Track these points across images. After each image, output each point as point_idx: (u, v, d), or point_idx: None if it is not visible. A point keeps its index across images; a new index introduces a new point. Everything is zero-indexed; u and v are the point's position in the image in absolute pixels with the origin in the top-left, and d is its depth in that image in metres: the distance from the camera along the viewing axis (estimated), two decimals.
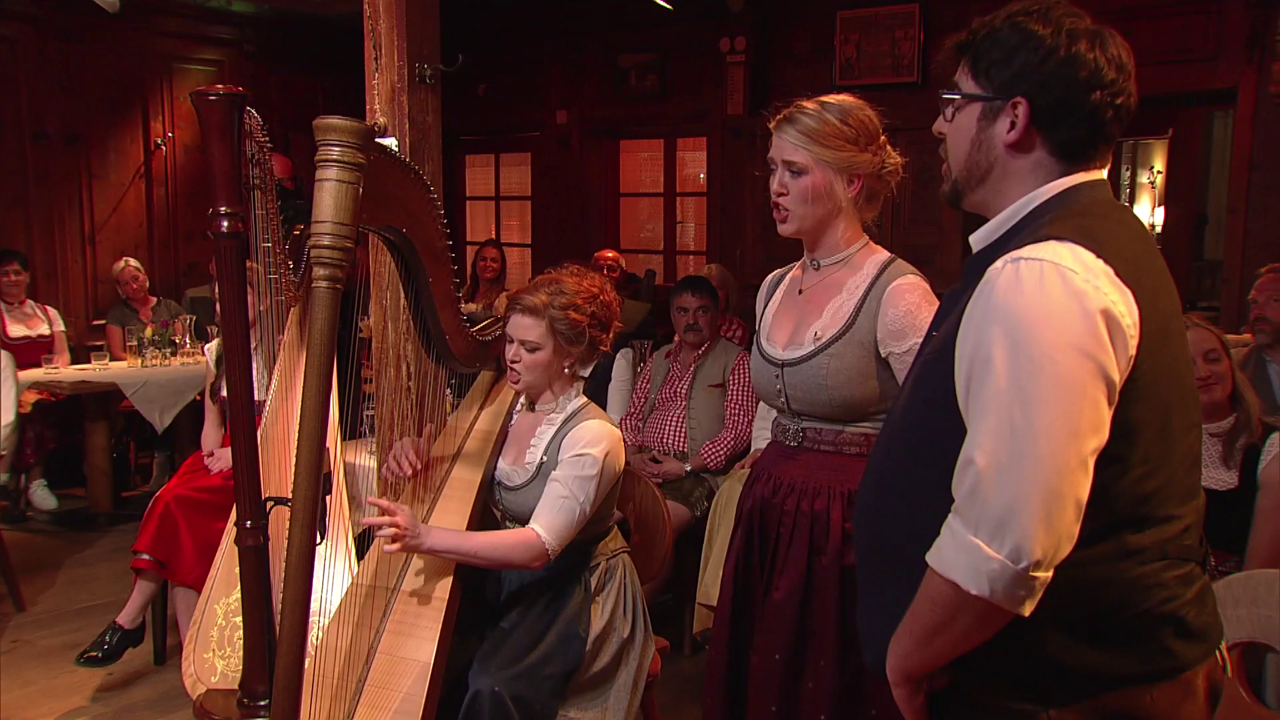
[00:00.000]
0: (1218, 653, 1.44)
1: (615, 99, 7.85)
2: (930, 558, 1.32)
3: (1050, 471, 1.24)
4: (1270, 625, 2.16)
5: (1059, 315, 1.26)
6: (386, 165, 2.17)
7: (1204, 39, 5.37)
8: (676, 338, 4.48)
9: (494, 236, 8.58)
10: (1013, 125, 1.43)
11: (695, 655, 3.95)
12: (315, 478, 2.02)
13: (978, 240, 1.51)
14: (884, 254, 2.22)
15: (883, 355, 2.11)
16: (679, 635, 3.96)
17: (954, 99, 1.49)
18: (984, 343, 1.30)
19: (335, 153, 1.96)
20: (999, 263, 1.33)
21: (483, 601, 2.56)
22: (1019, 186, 1.46)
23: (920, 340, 2.05)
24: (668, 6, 6.65)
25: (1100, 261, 1.30)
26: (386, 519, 2.29)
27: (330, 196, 1.97)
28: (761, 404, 4.06)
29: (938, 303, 2.10)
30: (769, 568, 2.19)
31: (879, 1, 6.35)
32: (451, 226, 2.45)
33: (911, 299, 2.10)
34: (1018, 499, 1.24)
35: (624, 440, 2.71)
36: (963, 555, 1.27)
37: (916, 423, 1.45)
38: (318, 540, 2.05)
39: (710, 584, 3.50)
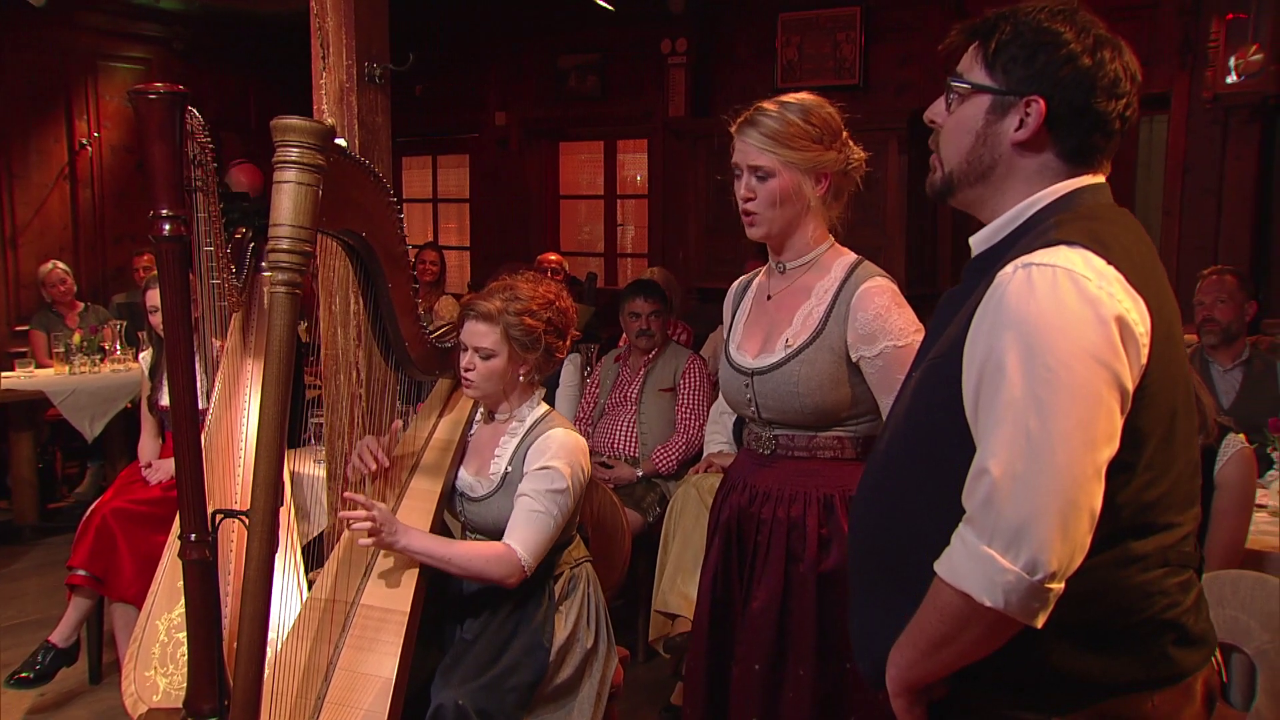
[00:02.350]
0: (1214, 658, 1.44)
1: (555, 100, 7.81)
2: (939, 568, 1.30)
3: (1067, 482, 1.22)
4: (1236, 626, 2.19)
5: (1074, 322, 1.24)
6: (346, 167, 2.10)
7: (1138, 45, 5.46)
8: (623, 340, 4.45)
9: (432, 239, 8.48)
10: (1022, 124, 1.40)
11: (650, 662, 3.92)
12: (274, 490, 1.95)
13: (978, 242, 1.49)
14: (851, 256, 2.19)
15: (854, 359, 2.09)
16: (632, 642, 3.92)
17: (961, 88, 1.45)
18: (996, 350, 1.27)
19: (294, 154, 1.90)
20: (1009, 267, 1.30)
21: (443, 612, 2.50)
22: (1022, 187, 1.43)
23: (892, 343, 2.04)
24: (609, 8, 6.62)
25: (1111, 268, 1.29)
26: (363, 514, 2.23)
27: (289, 199, 1.90)
28: (714, 408, 4.04)
29: (907, 305, 2.10)
30: (748, 577, 2.17)
31: (820, 4, 6.39)
32: None
33: (881, 302, 2.08)
34: (1034, 510, 1.22)
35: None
36: (976, 566, 1.25)
37: (918, 427, 1.43)
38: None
39: (667, 590, 3.47)
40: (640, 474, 4.10)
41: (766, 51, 6.70)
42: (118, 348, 5.88)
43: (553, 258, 6.02)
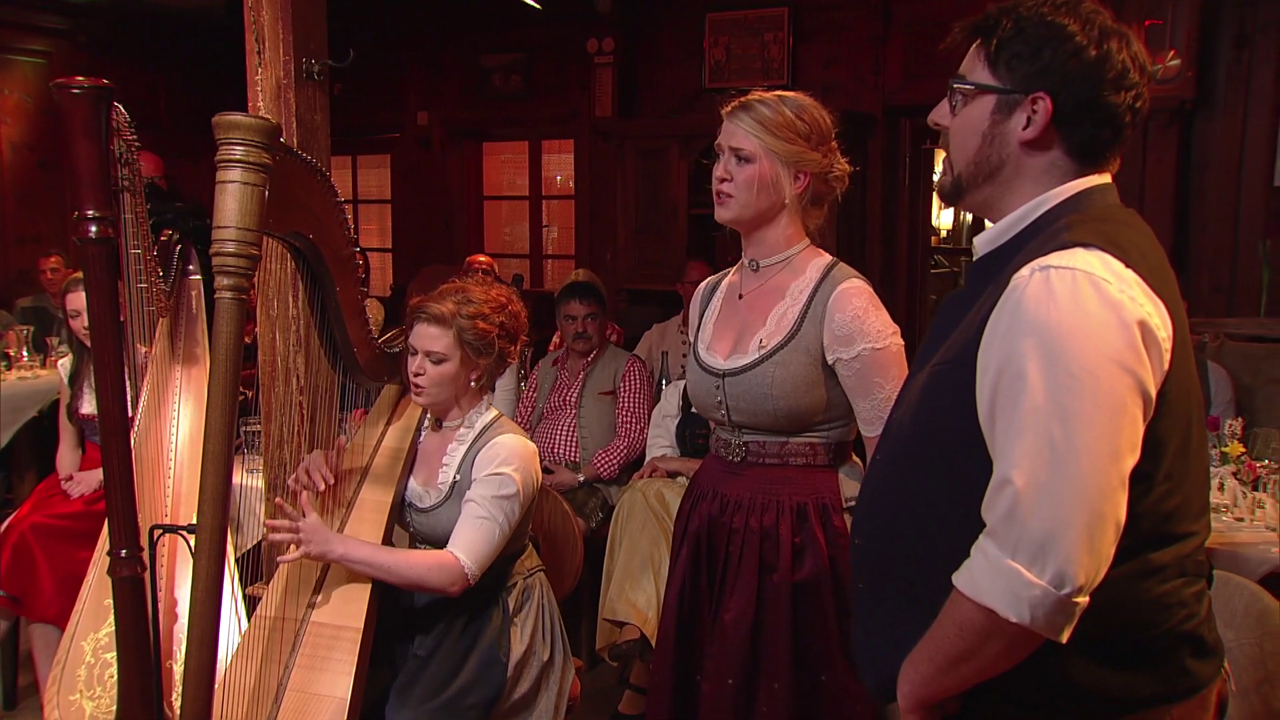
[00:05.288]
0: (1224, 667, 1.43)
1: (478, 100, 7.69)
2: (959, 581, 1.26)
3: (1093, 493, 1.19)
4: None
5: (1096, 328, 1.21)
6: (292, 166, 2.02)
7: None
8: (555, 342, 4.37)
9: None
10: (1029, 121, 1.36)
11: (594, 670, 3.87)
12: (223, 505, 1.86)
13: (983, 243, 1.45)
14: (826, 257, 2.16)
15: (829, 362, 2.06)
16: (575, 650, 3.85)
17: (965, 89, 1.41)
18: (1015, 356, 1.24)
19: (238, 152, 1.82)
20: (1025, 270, 1.27)
21: (394, 627, 2.41)
22: (1031, 187, 1.40)
23: (869, 345, 2.01)
24: (535, 6, 6.53)
25: (1131, 271, 1.26)
26: (285, 523, 2.15)
27: (234, 200, 1.82)
28: (656, 411, 4.00)
29: (883, 307, 2.08)
30: (718, 589, 2.12)
31: (748, 4, 6.39)
32: None
33: (858, 303, 2.05)
34: (1060, 522, 1.19)
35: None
36: (1000, 580, 1.21)
37: (926, 434, 1.39)
38: None
39: (615, 598, 3.41)
40: (581, 479, 4.04)
41: (694, 51, 6.69)
42: (24, 355, 5.63)
43: (482, 259, 5.92)
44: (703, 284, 2.35)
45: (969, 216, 8.40)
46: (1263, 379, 4.13)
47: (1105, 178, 1.41)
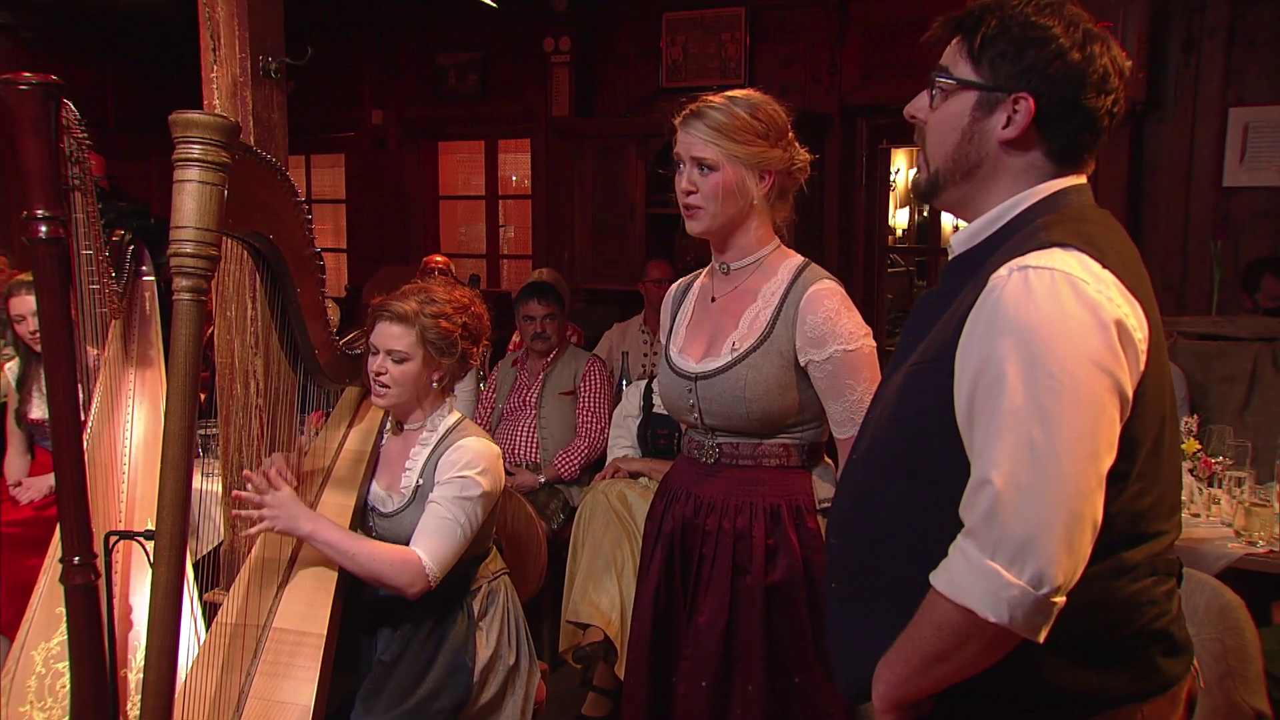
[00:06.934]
0: (1193, 664, 1.44)
1: (434, 99, 7.63)
2: (937, 582, 1.26)
3: (1073, 493, 1.19)
4: None
5: (1076, 328, 1.22)
6: (251, 165, 1.98)
7: None
8: (514, 342, 4.34)
9: None
10: (1009, 121, 1.36)
11: (557, 672, 3.84)
12: (183, 511, 1.82)
13: (960, 242, 1.45)
14: (797, 258, 2.16)
15: (801, 364, 2.05)
16: (537, 653, 3.82)
17: (946, 83, 1.40)
18: (994, 357, 1.24)
19: (196, 151, 1.79)
20: (1003, 270, 1.27)
21: (360, 633, 2.38)
22: (1008, 186, 1.40)
23: (841, 347, 2.01)
24: (492, 5, 6.49)
25: (1108, 271, 1.26)
26: (254, 497, 2.15)
27: (192, 199, 1.79)
28: (617, 411, 3.99)
29: (855, 308, 2.08)
30: (692, 590, 2.11)
31: (705, 4, 6.40)
32: None
33: (830, 304, 2.05)
34: (1041, 522, 1.19)
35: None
36: (980, 581, 1.21)
37: (904, 434, 1.38)
38: None
39: (578, 600, 3.39)
40: (542, 480, 4.01)
41: (651, 51, 6.67)
42: None
43: (439, 259, 5.87)
44: (673, 286, 2.34)
45: (926, 215, 8.45)
46: (1215, 377, 4.19)
47: (1081, 179, 1.42)
